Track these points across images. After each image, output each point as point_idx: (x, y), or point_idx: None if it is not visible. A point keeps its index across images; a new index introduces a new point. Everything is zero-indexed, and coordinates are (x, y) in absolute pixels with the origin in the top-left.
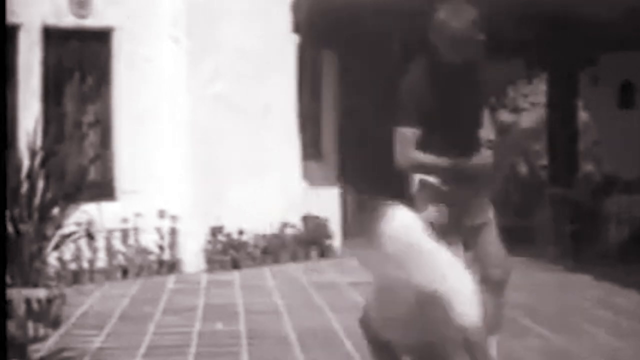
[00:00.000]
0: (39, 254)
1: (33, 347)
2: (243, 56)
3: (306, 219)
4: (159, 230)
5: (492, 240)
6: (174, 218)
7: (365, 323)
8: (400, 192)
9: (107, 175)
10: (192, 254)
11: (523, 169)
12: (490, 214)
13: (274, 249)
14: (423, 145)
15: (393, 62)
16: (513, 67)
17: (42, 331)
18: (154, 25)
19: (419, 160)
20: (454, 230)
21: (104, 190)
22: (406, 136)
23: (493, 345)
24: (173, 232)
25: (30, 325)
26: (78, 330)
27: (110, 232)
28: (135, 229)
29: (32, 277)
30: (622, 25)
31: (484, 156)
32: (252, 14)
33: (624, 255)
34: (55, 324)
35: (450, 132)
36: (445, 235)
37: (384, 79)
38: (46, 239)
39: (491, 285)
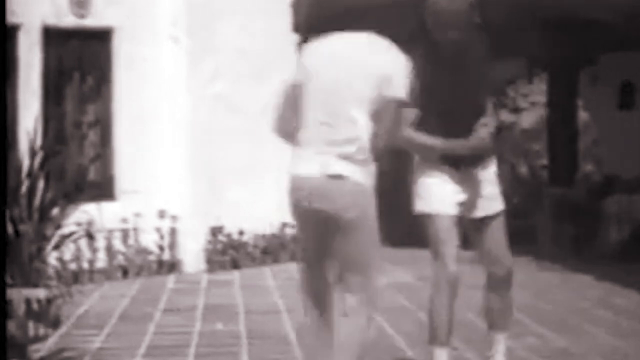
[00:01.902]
0: (39, 254)
1: (33, 347)
2: (243, 56)
3: None
4: (159, 230)
5: (495, 236)
6: (174, 218)
7: None
8: None
9: (107, 175)
10: (192, 254)
11: (523, 169)
12: (497, 206)
13: (273, 249)
14: (423, 125)
15: None
16: (513, 67)
17: (42, 331)
18: (154, 25)
19: (411, 138)
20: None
21: (104, 190)
22: (403, 116)
23: (501, 343)
24: (173, 232)
25: (30, 325)
26: (78, 330)
27: (110, 232)
28: (135, 229)
29: (32, 277)
30: (622, 25)
31: (478, 136)
32: (252, 14)
33: (624, 255)
34: (55, 324)
35: (449, 114)
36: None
37: None
38: (46, 239)
39: (495, 282)
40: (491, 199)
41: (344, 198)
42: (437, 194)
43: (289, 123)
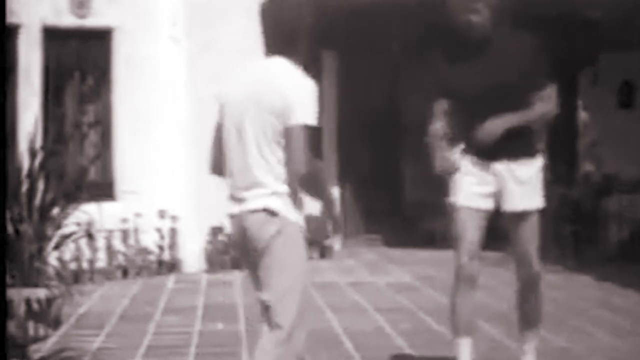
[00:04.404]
0: (39, 254)
1: (33, 347)
2: (243, 56)
3: (306, 219)
4: (159, 230)
5: (525, 235)
6: (174, 218)
7: None
8: None
9: (107, 175)
10: (192, 254)
11: None
12: (527, 204)
13: None
14: (455, 114)
15: (393, 61)
16: None
17: (42, 331)
18: (153, 25)
19: (432, 132)
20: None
21: (104, 190)
22: (435, 106)
23: (531, 343)
24: (173, 232)
25: (30, 325)
26: (78, 330)
27: (110, 232)
28: (135, 229)
29: (32, 277)
30: (622, 25)
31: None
32: (252, 14)
33: (624, 255)
34: (55, 324)
35: (477, 104)
36: None
37: (384, 78)
38: (46, 239)
39: (522, 282)
40: (519, 196)
41: (264, 227)
42: (466, 188)
43: (220, 162)
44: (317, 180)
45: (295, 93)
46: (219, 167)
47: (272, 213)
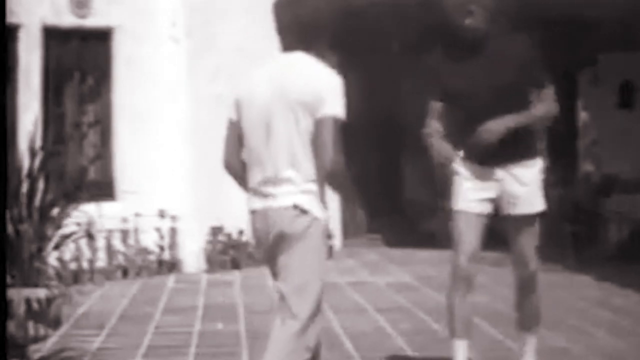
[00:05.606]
0: (39, 254)
1: (33, 347)
2: (243, 56)
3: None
4: (159, 230)
5: (523, 237)
6: (174, 218)
7: None
8: None
9: (107, 175)
10: (192, 254)
11: None
12: (527, 208)
13: None
14: (451, 117)
15: (393, 61)
16: None
17: (42, 331)
18: (154, 25)
19: (427, 131)
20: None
21: (104, 190)
22: (430, 108)
23: (530, 343)
24: (173, 232)
25: (30, 325)
26: (78, 330)
27: (110, 232)
28: (135, 229)
29: (32, 277)
30: (622, 25)
31: (484, 129)
32: (252, 14)
33: (624, 255)
34: (55, 324)
35: (474, 106)
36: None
37: (384, 78)
38: (46, 239)
39: (520, 283)
40: (522, 199)
41: (293, 223)
42: (465, 192)
43: (235, 158)
44: (343, 175)
45: (325, 86)
46: (232, 163)
47: (302, 210)
